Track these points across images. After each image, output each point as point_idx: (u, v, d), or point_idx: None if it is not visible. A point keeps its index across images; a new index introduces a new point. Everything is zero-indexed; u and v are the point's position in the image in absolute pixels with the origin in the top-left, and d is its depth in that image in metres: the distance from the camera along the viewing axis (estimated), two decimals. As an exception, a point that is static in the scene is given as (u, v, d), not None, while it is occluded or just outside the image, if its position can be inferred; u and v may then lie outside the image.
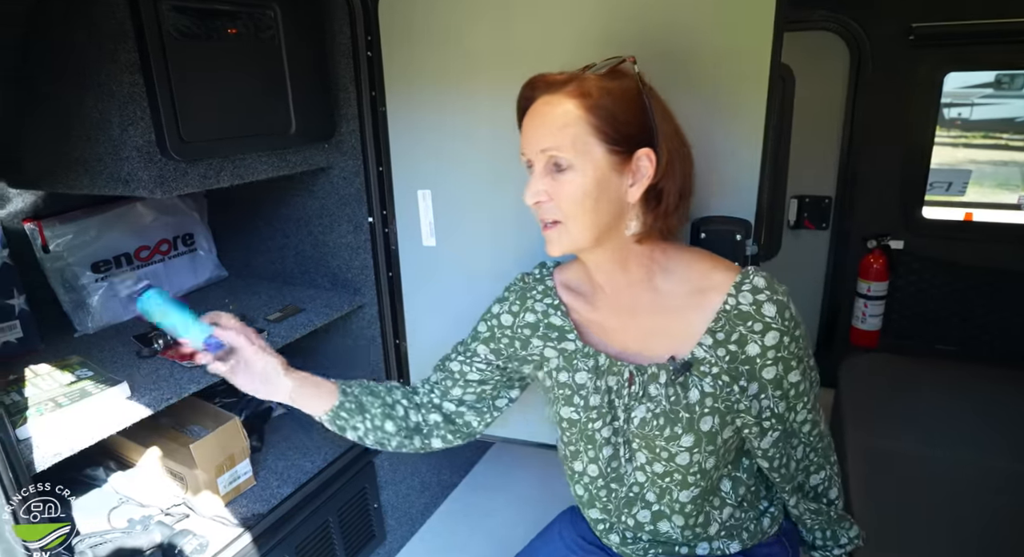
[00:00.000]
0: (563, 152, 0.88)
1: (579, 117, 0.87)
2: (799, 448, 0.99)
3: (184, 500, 1.41)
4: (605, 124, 0.87)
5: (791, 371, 0.92)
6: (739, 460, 1.01)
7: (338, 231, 1.68)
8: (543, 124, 0.90)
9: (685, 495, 0.98)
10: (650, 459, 0.97)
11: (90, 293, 1.53)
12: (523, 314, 1.08)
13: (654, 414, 0.94)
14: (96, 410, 1.13)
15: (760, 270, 0.92)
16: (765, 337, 0.89)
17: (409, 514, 1.87)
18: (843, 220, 2.36)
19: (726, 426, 0.93)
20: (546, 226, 0.93)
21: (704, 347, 0.92)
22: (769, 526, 1.05)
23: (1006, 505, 1.46)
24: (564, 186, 0.89)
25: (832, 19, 2.19)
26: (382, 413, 1.11)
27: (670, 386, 0.93)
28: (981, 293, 2.24)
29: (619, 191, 0.89)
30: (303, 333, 1.51)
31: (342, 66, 1.50)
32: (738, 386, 0.92)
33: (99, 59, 1.09)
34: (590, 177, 0.88)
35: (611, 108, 0.87)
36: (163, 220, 1.70)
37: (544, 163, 0.90)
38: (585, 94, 0.87)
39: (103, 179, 1.19)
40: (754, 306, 0.89)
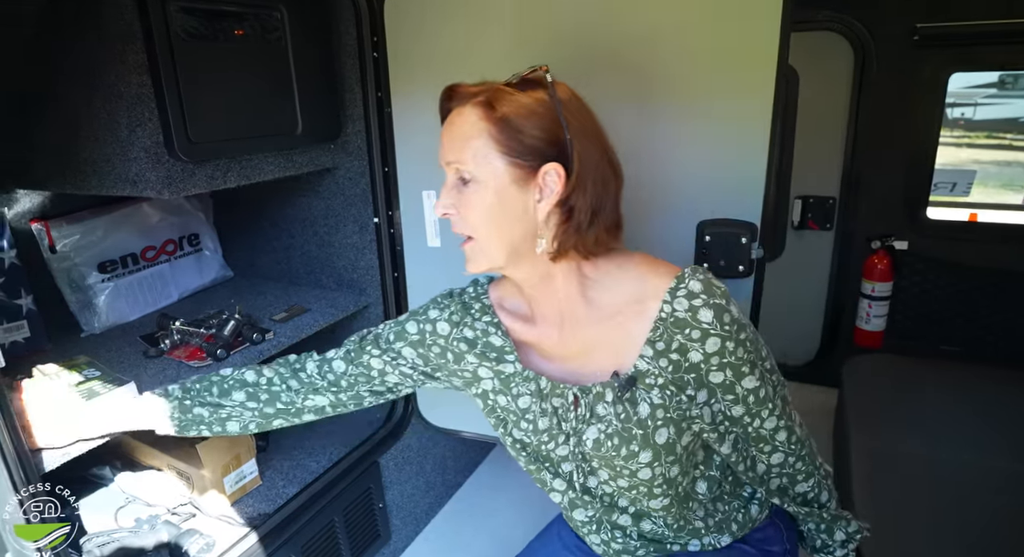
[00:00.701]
0: (465, 165, 0.86)
1: (482, 129, 0.85)
2: (775, 454, 0.94)
3: (190, 499, 1.41)
4: (507, 137, 0.84)
5: (743, 377, 0.88)
6: (709, 459, 0.98)
7: (344, 231, 1.68)
8: (450, 136, 0.88)
9: (656, 503, 0.95)
10: (612, 476, 0.94)
11: (97, 293, 1.53)
12: (462, 328, 1.02)
13: (607, 435, 0.90)
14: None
15: (698, 271, 0.87)
16: (705, 344, 0.85)
17: (414, 514, 1.88)
18: (847, 221, 2.36)
19: (683, 433, 0.89)
20: (463, 242, 0.91)
21: (646, 359, 0.88)
22: (758, 513, 1.02)
23: (1010, 506, 1.46)
24: (468, 199, 0.87)
25: (836, 19, 2.19)
26: (220, 420, 1.10)
27: (618, 404, 0.90)
28: (986, 294, 2.24)
29: (525, 206, 0.86)
30: (309, 333, 1.51)
31: (348, 67, 1.50)
32: (686, 395, 0.88)
33: (108, 60, 1.10)
34: (491, 189, 0.85)
35: (516, 120, 0.84)
36: (169, 220, 1.70)
37: (452, 175, 0.89)
38: (489, 104, 0.85)
39: (111, 180, 1.19)
40: (690, 313, 0.85)
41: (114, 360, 1.35)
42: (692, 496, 0.98)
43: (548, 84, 0.87)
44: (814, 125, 2.25)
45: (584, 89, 1.34)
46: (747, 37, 1.21)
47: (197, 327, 1.40)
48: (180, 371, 1.29)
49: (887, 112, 2.20)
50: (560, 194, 0.85)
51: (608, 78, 1.34)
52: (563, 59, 1.34)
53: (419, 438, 1.84)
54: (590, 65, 1.35)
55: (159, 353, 1.36)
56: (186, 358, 1.34)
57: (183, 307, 1.68)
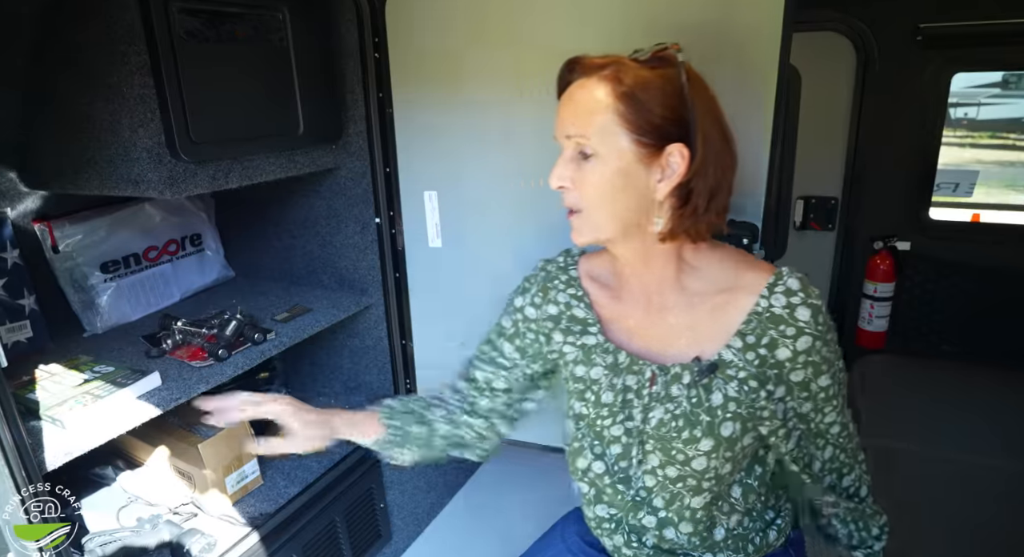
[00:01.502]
0: (588, 140, 0.85)
1: (608, 105, 0.83)
2: (827, 449, 0.95)
3: (192, 499, 1.42)
4: (635, 114, 0.83)
5: (821, 375, 0.89)
6: (752, 467, 0.98)
7: (345, 232, 1.68)
8: (573, 109, 0.87)
9: (697, 501, 0.95)
10: (663, 462, 0.93)
11: (99, 293, 1.54)
12: (545, 306, 1.04)
13: (673, 416, 0.91)
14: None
15: (795, 271, 0.89)
16: (797, 341, 0.86)
17: (415, 514, 1.88)
18: (849, 221, 2.36)
19: (747, 433, 0.90)
20: (570, 212, 0.91)
21: (733, 349, 0.89)
22: (775, 539, 1.02)
23: (1012, 505, 1.46)
24: (587, 175, 0.86)
25: (838, 20, 2.18)
26: (426, 439, 1.12)
27: (693, 387, 0.90)
28: (988, 295, 2.23)
29: (646, 185, 0.85)
30: (311, 333, 1.52)
31: (349, 67, 1.50)
32: (765, 390, 0.89)
33: (110, 61, 1.10)
34: (613, 167, 0.85)
35: (644, 98, 0.83)
36: (171, 220, 1.71)
37: (571, 149, 0.88)
38: (618, 80, 0.83)
39: (113, 180, 1.20)
40: (787, 309, 0.86)
41: (116, 360, 1.35)
42: (727, 500, 0.98)
43: (678, 63, 0.85)
44: (816, 125, 2.25)
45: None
46: (748, 37, 1.21)
47: (199, 327, 1.41)
48: (182, 371, 1.29)
49: (889, 112, 2.19)
50: (682, 176, 0.84)
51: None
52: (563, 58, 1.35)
53: (420, 438, 1.84)
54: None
55: (161, 353, 1.36)
56: (188, 358, 1.34)
57: (185, 307, 1.68)
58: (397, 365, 1.75)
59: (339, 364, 1.85)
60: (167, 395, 1.20)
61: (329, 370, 1.88)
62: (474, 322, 1.58)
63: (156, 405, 1.17)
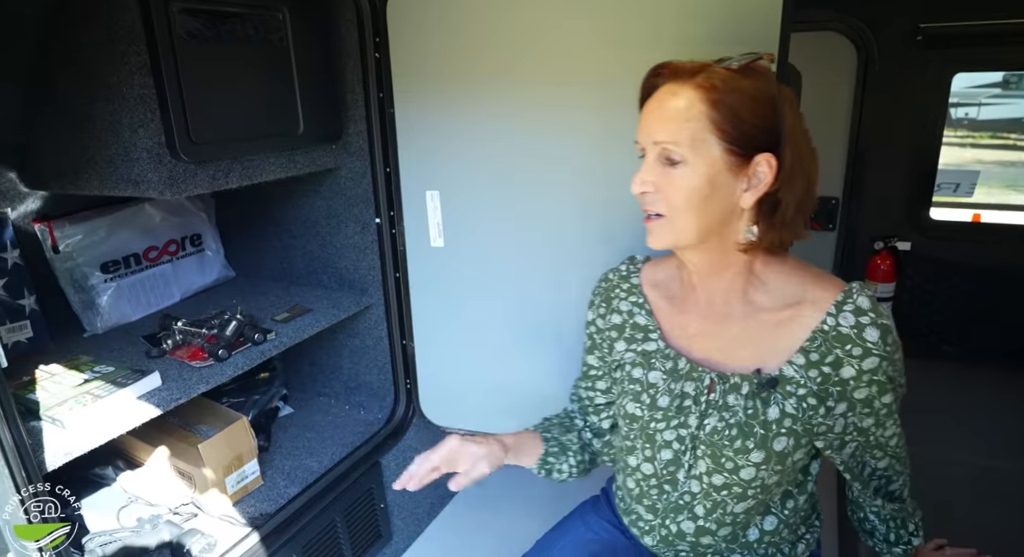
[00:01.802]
0: (679, 147, 0.84)
1: (701, 111, 0.83)
2: (883, 460, 0.97)
3: (192, 499, 1.42)
4: (727, 122, 0.82)
5: (885, 393, 0.89)
6: (799, 479, 1.00)
7: (345, 232, 1.68)
8: (663, 115, 0.86)
9: (740, 506, 0.96)
10: (711, 469, 0.94)
11: (99, 293, 1.54)
12: (610, 316, 1.08)
13: (728, 424, 0.91)
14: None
15: (865, 288, 0.88)
16: (864, 362, 0.86)
17: (415, 514, 1.88)
18: (850, 221, 2.36)
19: (799, 448, 0.91)
20: (649, 217, 0.90)
21: (795, 366, 0.88)
22: (803, 552, 1.05)
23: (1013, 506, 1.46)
24: (674, 180, 0.86)
25: (838, 20, 2.18)
26: (579, 448, 1.16)
27: (751, 399, 0.90)
28: (988, 295, 2.23)
29: (732, 194, 0.86)
30: (311, 333, 1.51)
31: (349, 67, 1.50)
32: (824, 407, 0.89)
33: (110, 61, 1.10)
34: (702, 175, 0.84)
35: (736, 106, 0.82)
36: (171, 221, 1.71)
37: (657, 154, 0.87)
38: (712, 87, 0.83)
39: (113, 180, 1.20)
40: (855, 329, 0.85)
41: (116, 360, 1.35)
42: (768, 508, 1.00)
43: (770, 73, 0.86)
44: (817, 125, 2.24)
45: (591, 88, 1.35)
46: (747, 37, 1.21)
47: (199, 327, 1.41)
48: (182, 371, 1.29)
49: (890, 112, 2.19)
50: (769, 186, 0.84)
51: (613, 78, 1.34)
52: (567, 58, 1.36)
53: (420, 438, 1.84)
54: (597, 64, 1.35)
55: (161, 353, 1.36)
56: (188, 358, 1.34)
57: (185, 307, 1.68)
58: (397, 365, 1.75)
59: (339, 364, 1.85)
60: (167, 395, 1.20)
61: (329, 370, 1.88)
62: (477, 321, 1.60)
63: (156, 405, 1.17)
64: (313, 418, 1.81)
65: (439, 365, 1.67)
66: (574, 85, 1.37)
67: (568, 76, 1.37)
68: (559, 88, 1.37)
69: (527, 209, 1.47)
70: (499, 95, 1.38)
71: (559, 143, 1.41)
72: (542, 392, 1.63)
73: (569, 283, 1.49)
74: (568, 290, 1.50)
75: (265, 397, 1.74)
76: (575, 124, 1.39)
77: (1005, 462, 1.67)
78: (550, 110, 1.40)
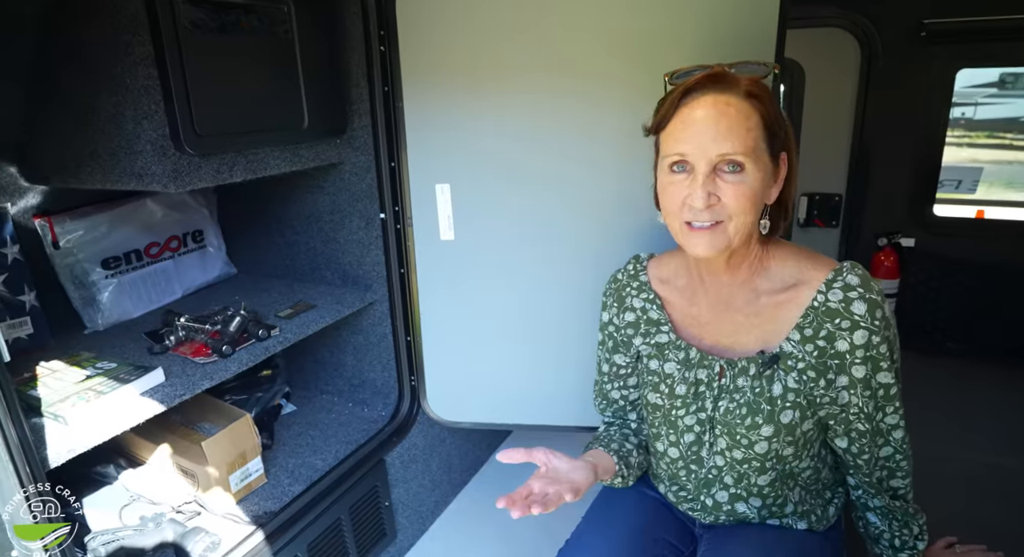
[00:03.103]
0: (745, 157, 0.87)
1: (758, 123, 0.88)
2: (885, 448, 1.00)
3: (195, 498, 1.40)
4: (773, 134, 0.90)
5: (880, 371, 0.93)
6: (820, 450, 1.04)
7: (349, 227, 1.67)
8: (725, 127, 0.86)
9: (763, 479, 1.02)
10: (730, 445, 1.01)
11: (100, 289, 1.52)
12: (623, 314, 1.13)
13: (738, 404, 0.98)
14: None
15: (857, 267, 0.93)
16: (854, 335, 0.90)
17: (419, 512, 1.86)
18: (854, 218, 2.35)
19: (806, 419, 0.96)
20: (699, 228, 0.91)
21: (792, 342, 0.94)
22: (833, 514, 1.10)
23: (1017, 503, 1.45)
24: (734, 188, 0.88)
25: (842, 16, 2.18)
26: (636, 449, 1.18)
27: (757, 379, 0.97)
28: (992, 291, 2.22)
29: (768, 193, 0.93)
30: (315, 329, 1.50)
31: (354, 61, 1.49)
32: (825, 379, 0.94)
33: (114, 52, 1.08)
34: (759, 180, 0.89)
35: (775, 113, 0.90)
36: (173, 216, 1.69)
37: (713, 166, 0.88)
38: (759, 97, 0.89)
39: (116, 173, 1.18)
40: (843, 303, 0.90)
41: (118, 357, 1.33)
42: (794, 478, 1.04)
43: (778, 82, 0.98)
44: (821, 122, 2.24)
45: (600, 80, 1.35)
46: (744, 34, 1.24)
47: (202, 323, 1.39)
48: (185, 367, 1.27)
49: (894, 108, 2.18)
50: (783, 181, 0.94)
51: (621, 75, 1.34)
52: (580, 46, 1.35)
53: (425, 436, 1.83)
54: (604, 61, 1.34)
55: (164, 350, 1.34)
56: (191, 354, 1.32)
57: (187, 304, 1.66)
58: (402, 362, 1.73)
59: (343, 361, 1.84)
60: (171, 391, 1.19)
61: (332, 367, 1.87)
62: (487, 314, 1.59)
63: (160, 401, 1.16)
64: (316, 416, 1.80)
65: (447, 360, 1.66)
66: (586, 80, 1.36)
67: (578, 70, 1.36)
68: (571, 82, 1.37)
69: (539, 203, 1.46)
70: (511, 89, 1.38)
71: (572, 137, 1.40)
72: (551, 387, 1.62)
73: (581, 278, 1.48)
74: (580, 284, 1.49)
75: (268, 394, 1.72)
76: (589, 118, 1.38)
77: (1009, 459, 1.67)
78: (563, 104, 1.39)
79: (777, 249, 1.00)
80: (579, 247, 1.48)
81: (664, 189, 0.95)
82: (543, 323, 1.56)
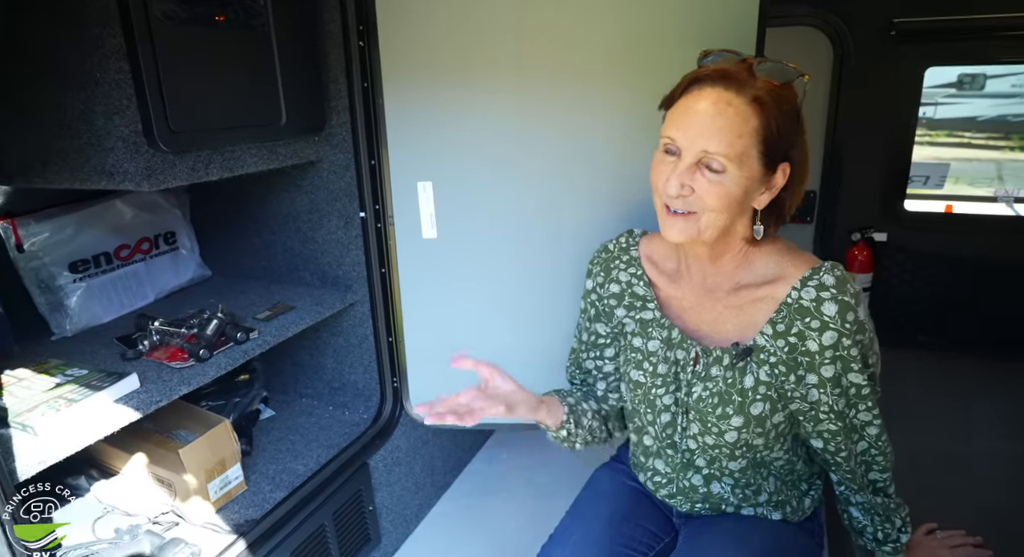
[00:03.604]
0: (729, 160, 0.87)
1: (754, 129, 0.87)
2: (861, 443, 1.01)
3: (173, 507, 1.35)
4: (772, 139, 0.88)
5: (850, 372, 0.93)
6: (794, 442, 1.06)
7: (327, 227, 1.63)
8: (717, 125, 0.86)
9: (735, 465, 1.05)
10: (701, 431, 1.03)
11: (68, 294, 1.46)
12: (608, 285, 1.14)
13: (711, 393, 1.00)
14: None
15: (836, 267, 0.93)
16: (823, 336, 0.91)
17: (403, 516, 1.84)
18: (828, 214, 2.39)
19: (776, 412, 0.98)
20: (674, 213, 0.93)
21: (765, 336, 0.95)
22: (809, 506, 1.12)
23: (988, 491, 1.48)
24: (713, 187, 0.89)
25: (815, 15, 2.21)
26: (592, 413, 1.18)
27: (730, 370, 0.98)
28: (963, 284, 2.28)
29: (754, 197, 0.92)
30: (296, 331, 1.47)
31: (333, 57, 1.46)
32: (795, 375, 0.95)
33: (82, 45, 1.03)
34: (741, 185, 0.89)
35: (780, 124, 0.88)
36: (143, 217, 1.63)
37: (698, 158, 0.89)
38: (765, 104, 0.87)
39: (85, 172, 1.13)
40: (815, 303, 0.91)
41: (89, 363, 1.28)
42: (767, 466, 1.07)
43: (800, 86, 0.91)
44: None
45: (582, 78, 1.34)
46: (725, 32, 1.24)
47: (178, 327, 1.34)
48: (161, 373, 1.23)
49: (866, 106, 2.22)
50: (779, 189, 0.92)
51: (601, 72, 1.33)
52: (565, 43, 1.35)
53: (408, 438, 1.80)
54: (585, 57, 1.34)
55: (138, 355, 1.30)
56: (167, 359, 1.28)
57: (160, 308, 1.61)
58: (383, 363, 1.70)
59: (322, 364, 1.80)
60: (147, 398, 1.15)
61: (312, 370, 1.83)
62: (471, 311, 1.57)
63: (136, 408, 1.12)
64: (296, 420, 1.76)
65: (430, 360, 1.63)
66: (569, 77, 1.36)
67: (561, 68, 1.36)
68: (554, 78, 1.36)
69: (522, 199, 1.45)
70: (493, 85, 1.36)
71: (556, 134, 1.39)
72: (538, 385, 1.61)
73: (568, 276, 1.47)
74: (564, 282, 1.48)
75: (246, 399, 1.68)
76: (572, 116, 1.37)
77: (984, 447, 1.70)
78: (546, 101, 1.38)
79: (763, 244, 1.00)
80: (562, 246, 1.47)
81: (654, 166, 0.96)
82: (526, 320, 1.55)
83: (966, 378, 2.07)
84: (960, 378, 2.08)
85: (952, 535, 1.20)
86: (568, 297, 1.50)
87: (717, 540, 1.05)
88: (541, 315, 1.53)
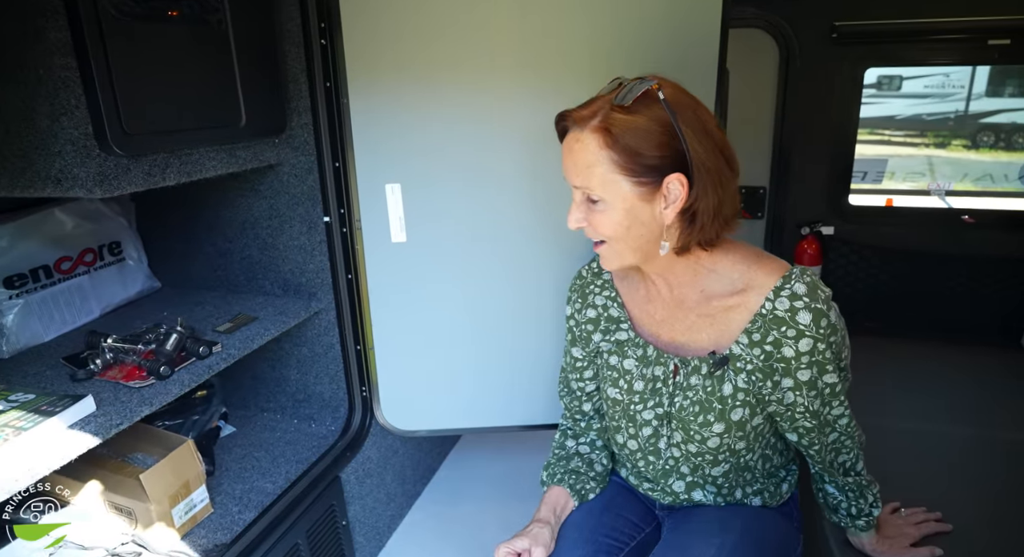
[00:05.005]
0: (593, 190, 0.92)
1: (604, 157, 0.89)
2: (832, 434, 1.05)
3: (134, 537, 1.26)
4: (628, 161, 0.89)
5: (825, 374, 0.97)
6: (771, 440, 1.11)
7: (289, 233, 1.56)
8: (573, 162, 0.94)
9: (717, 470, 1.08)
10: (685, 439, 1.06)
11: (3, 312, 1.34)
12: (585, 310, 1.16)
13: (692, 402, 1.03)
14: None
15: (806, 273, 0.94)
16: (799, 343, 0.94)
17: (376, 528, 1.78)
18: (778, 209, 2.47)
19: (756, 415, 1.02)
20: (596, 244, 1.00)
21: (741, 345, 0.98)
22: (786, 491, 1.17)
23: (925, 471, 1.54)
24: (598, 216, 0.95)
25: (762, 17, 2.28)
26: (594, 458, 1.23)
27: (708, 379, 1.01)
28: (901, 272, 2.40)
29: (652, 216, 0.93)
30: (261, 343, 1.39)
31: (292, 55, 1.39)
32: (771, 381, 0.98)
33: (22, 38, 0.95)
34: (619, 209, 0.92)
35: (635, 144, 0.88)
36: (86, 227, 1.52)
37: (579, 195, 0.96)
38: (608, 131, 0.88)
39: (28, 178, 1.03)
40: (789, 313, 0.93)
41: (35, 387, 1.17)
42: (750, 470, 1.11)
43: (662, 101, 0.88)
44: (745, 118, 2.34)
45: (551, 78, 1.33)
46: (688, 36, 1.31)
47: (133, 343, 1.26)
48: (118, 393, 1.14)
49: (811, 105, 2.31)
50: (684, 201, 0.90)
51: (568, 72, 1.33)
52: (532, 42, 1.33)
53: (379, 448, 1.75)
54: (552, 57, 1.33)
55: (89, 375, 1.20)
56: (123, 378, 1.19)
57: (107, 323, 1.50)
58: (351, 372, 1.65)
59: (285, 376, 1.72)
60: (105, 421, 1.06)
61: (274, 383, 1.75)
62: (443, 315, 1.53)
63: (94, 433, 1.03)
64: (260, 435, 1.68)
65: (401, 367, 1.59)
66: (538, 77, 1.35)
67: (529, 67, 1.35)
68: (523, 78, 1.35)
69: (494, 201, 1.43)
70: (462, 84, 1.34)
71: (525, 135, 1.38)
72: (510, 390, 1.59)
73: (539, 278, 1.46)
74: (537, 285, 1.47)
75: (205, 417, 1.59)
76: (541, 117, 1.35)
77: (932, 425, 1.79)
78: (515, 100, 1.37)
79: (727, 251, 1.00)
80: (533, 248, 1.46)
81: None
82: (498, 324, 1.53)
83: (908, 358, 2.18)
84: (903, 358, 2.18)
85: (915, 512, 1.27)
86: (540, 300, 1.49)
87: (702, 527, 1.08)
88: (513, 318, 1.51)
